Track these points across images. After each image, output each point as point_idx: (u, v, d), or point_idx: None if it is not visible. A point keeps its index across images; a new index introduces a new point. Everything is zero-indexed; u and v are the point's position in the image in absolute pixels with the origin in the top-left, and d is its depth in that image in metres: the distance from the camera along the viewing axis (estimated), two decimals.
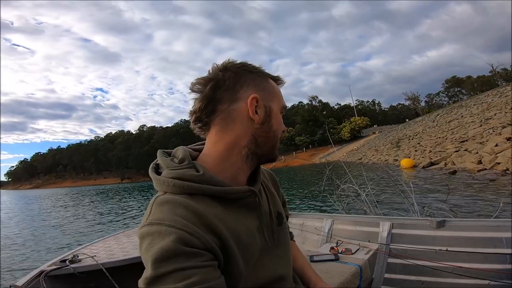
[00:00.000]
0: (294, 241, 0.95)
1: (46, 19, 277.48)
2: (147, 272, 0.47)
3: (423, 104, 75.11)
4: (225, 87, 0.60)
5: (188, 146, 0.70)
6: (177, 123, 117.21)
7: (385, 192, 5.17)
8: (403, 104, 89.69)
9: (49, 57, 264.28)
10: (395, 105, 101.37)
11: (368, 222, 1.95)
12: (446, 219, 1.68)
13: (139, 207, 13.20)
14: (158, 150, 0.65)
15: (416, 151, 17.98)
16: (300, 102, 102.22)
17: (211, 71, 0.62)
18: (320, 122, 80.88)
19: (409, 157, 15.99)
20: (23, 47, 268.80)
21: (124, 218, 10.17)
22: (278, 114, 0.65)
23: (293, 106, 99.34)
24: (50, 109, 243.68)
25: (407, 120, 65.13)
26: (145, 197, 18.89)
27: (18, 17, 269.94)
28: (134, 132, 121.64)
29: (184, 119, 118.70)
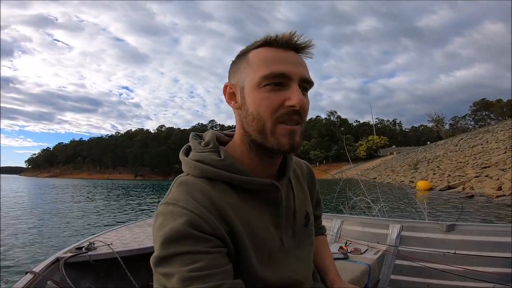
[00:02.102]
0: (326, 235, 0.90)
1: (87, 17, 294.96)
2: (156, 252, 0.47)
3: (447, 127, 72.50)
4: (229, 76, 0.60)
5: (224, 132, 0.67)
6: (194, 126, 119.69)
7: (397, 209, 5.05)
8: (426, 125, 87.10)
9: (85, 54, 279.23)
10: (417, 126, 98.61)
11: (377, 224, 1.95)
12: (456, 223, 1.66)
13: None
14: (191, 133, 0.63)
15: (434, 174, 17.38)
16: (318, 116, 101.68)
17: None
18: (336, 138, 79.85)
19: (426, 180, 15.42)
20: (63, 42, 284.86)
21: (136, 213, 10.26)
22: (255, 89, 0.52)
23: (310, 120, 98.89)
24: (78, 103, 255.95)
25: (428, 142, 62.93)
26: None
27: (63, 13, 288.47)
28: (152, 132, 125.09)
29: (201, 123, 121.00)
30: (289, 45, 0.53)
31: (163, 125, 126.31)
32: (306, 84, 0.54)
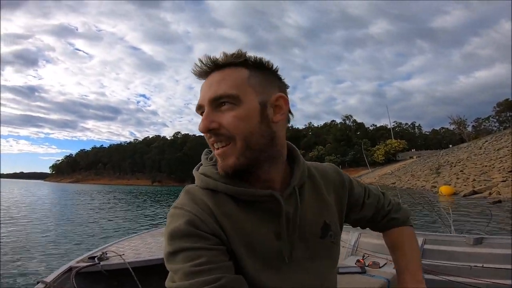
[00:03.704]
0: (411, 225, 0.79)
1: (105, 26, 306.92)
2: (164, 249, 0.53)
3: (469, 129, 69.26)
4: None
5: None
6: None
7: (420, 216, 4.83)
8: (447, 128, 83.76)
9: (105, 63, 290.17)
10: (437, 129, 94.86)
11: None
12: (484, 236, 1.62)
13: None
14: (205, 150, 0.66)
15: (458, 178, 16.67)
16: (333, 120, 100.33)
17: None
18: (352, 143, 78.32)
19: (449, 185, 14.83)
20: (84, 52, 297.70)
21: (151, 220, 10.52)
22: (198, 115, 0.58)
23: (325, 124, 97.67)
24: (99, 111, 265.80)
25: (450, 145, 60.41)
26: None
27: (83, 23, 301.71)
28: (169, 138, 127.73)
29: None
30: (204, 73, 0.56)
31: (179, 132, 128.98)
32: (220, 100, 0.53)
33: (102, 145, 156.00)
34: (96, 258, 1.70)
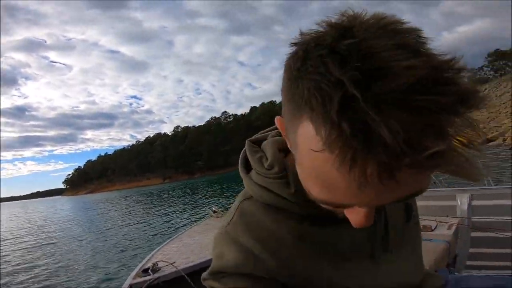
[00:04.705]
0: None
1: (74, 34, 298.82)
2: (205, 276, 0.45)
3: (465, 80, 69.96)
4: None
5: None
6: (208, 121, 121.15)
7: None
8: None
9: (85, 71, 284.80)
10: None
11: (443, 196, 1.84)
12: None
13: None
14: (247, 141, 0.51)
15: None
16: None
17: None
18: None
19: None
20: (60, 63, 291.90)
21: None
22: None
23: None
24: (94, 120, 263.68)
25: None
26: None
27: (49, 35, 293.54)
28: (170, 134, 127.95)
29: (215, 116, 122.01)
30: None
31: (179, 126, 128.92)
32: None
33: (106, 152, 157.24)
34: (149, 270, 1.72)
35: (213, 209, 6.30)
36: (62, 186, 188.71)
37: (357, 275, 0.46)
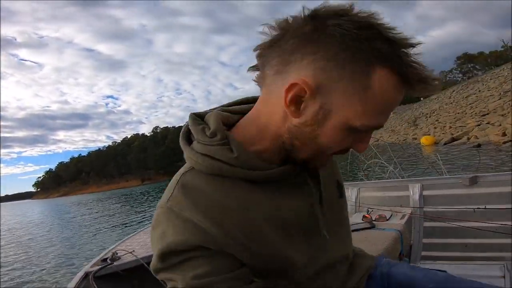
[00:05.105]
0: None
1: (47, 32, 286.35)
2: (154, 265, 0.42)
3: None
4: (284, 46, 0.40)
5: (229, 108, 0.52)
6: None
7: (412, 167, 5.06)
8: None
9: (58, 69, 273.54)
10: None
11: (396, 186, 1.89)
12: (478, 174, 1.61)
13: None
14: (190, 114, 0.51)
15: (435, 128, 17.99)
16: None
17: (296, 17, 0.40)
18: None
19: (429, 134, 15.98)
20: (31, 61, 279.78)
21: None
22: (342, 129, 0.41)
23: None
24: (67, 120, 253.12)
25: (421, 98, 63.85)
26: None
27: (20, 32, 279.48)
28: (148, 135, 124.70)
29: None
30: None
31: (158, 126, 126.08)
32: None
33: (80, 154, 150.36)
34: (108, 259, 1.70)
35: None
36: (32, 189, 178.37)
37: (299, 246, 0.48)
